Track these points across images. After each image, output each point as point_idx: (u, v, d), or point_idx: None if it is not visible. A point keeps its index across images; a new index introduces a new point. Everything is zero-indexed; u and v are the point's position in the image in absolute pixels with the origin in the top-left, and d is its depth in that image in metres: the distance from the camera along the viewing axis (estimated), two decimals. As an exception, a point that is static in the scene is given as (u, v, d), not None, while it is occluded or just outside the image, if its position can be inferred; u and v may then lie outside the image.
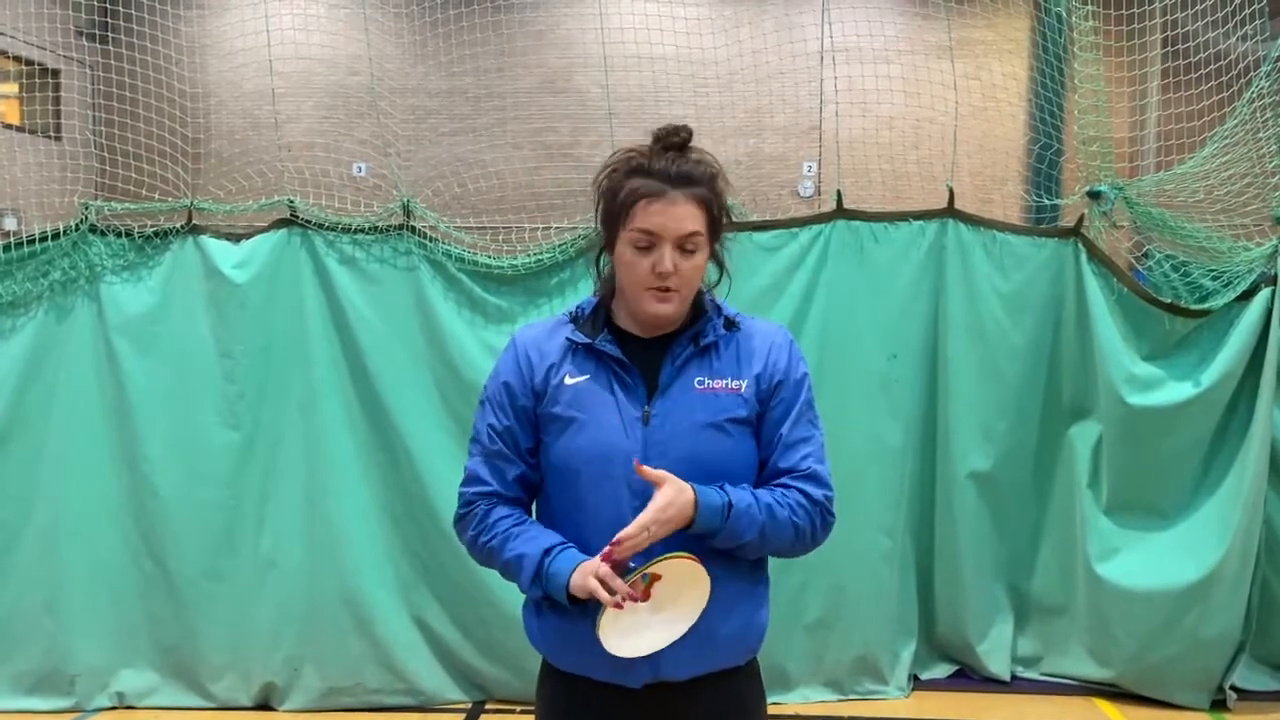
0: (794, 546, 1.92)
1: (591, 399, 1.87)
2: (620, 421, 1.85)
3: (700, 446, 1.85)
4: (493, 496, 1.93)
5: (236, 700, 4.54)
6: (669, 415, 1.86)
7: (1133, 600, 4.47)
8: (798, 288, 4.57)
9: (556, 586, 1.81)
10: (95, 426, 4.50)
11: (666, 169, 1.83)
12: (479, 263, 4.56)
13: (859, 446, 4.58)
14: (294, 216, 4.53)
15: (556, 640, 1.91)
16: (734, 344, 1.92)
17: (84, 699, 4.50)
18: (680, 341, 1.90)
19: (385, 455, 4.53)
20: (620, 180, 1.86)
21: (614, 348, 1.89)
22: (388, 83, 5.59)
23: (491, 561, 1.94)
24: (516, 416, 1.92)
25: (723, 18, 6.26)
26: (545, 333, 1.96)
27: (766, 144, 15.25)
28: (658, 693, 1.89)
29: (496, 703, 4.57)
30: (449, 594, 4.52)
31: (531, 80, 15.30)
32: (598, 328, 1.92)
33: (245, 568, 4.51)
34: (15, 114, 14.46)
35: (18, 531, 4.51)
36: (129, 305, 4.49)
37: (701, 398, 1.87)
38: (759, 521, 1.84)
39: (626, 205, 1.83)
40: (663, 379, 1.88)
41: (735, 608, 1.90)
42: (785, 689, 4.61)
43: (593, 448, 1.85)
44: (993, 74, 5.41)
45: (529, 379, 1.92)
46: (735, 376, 1.89)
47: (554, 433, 1.89)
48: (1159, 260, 4.76)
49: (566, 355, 1.91)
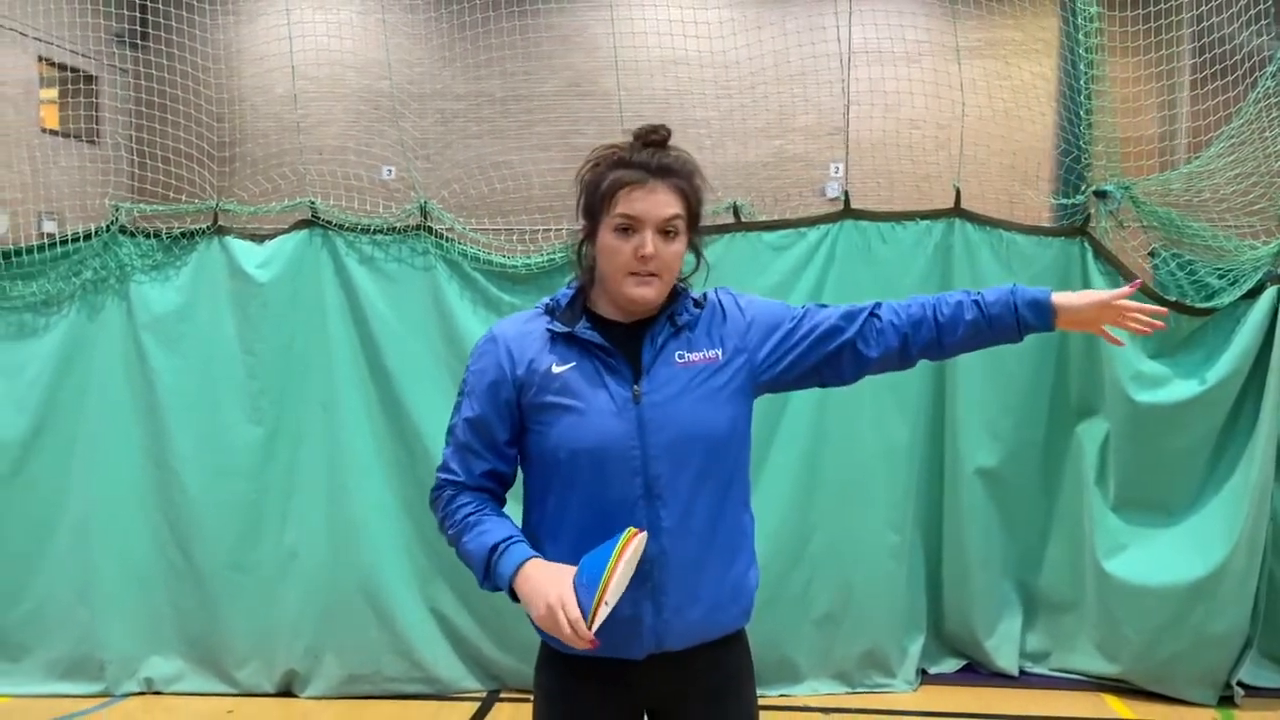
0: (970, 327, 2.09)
1: (581, 385, 1.94)
2: (614, 404, 1.93)
3: (690, 417, 1.95)
4: (458, 485, 2.01)
5: (260, 687, 4.68)
6: (657, 392, 1.94)
7: (1140, 596, 4.50)
8: (806, 286, 4.64)
9: (501, 580, 1.90)
10: (124, 421, 4.67)
11: (647, 161, 1.93)
12: (494, 262, 4.67)
13: (867, 444, 4.65)
14: (315, 218, 4.67)
15: None
16: (701, 320, 2.03)
17: (113, 684, 4.66)
18: (659, 323, 1.99)
19: (403, 450, 4.65)
20: (603, 172, 1.95)
21: (594, 334, 1.96)
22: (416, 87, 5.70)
23: (453, 547, 2.02)
24: (495, 409, 1.98)
25: (746, 20, 6.29)
26: (523, 324, 2.02)
27: (791, 145, 15.29)
28: (657, 662, 1.99)
29: (510, 692, 4.67)
30: (464, 585, 4.62)
31: (558, 83, 15.45)
32: (576, 316, 1.99)
33: (268, 559, 4.65)
34: (54, 119, 14.81)
35: (51, 524, 4.69)
36: (157, 304, 4.65)
37: (685, 371, 1.97)
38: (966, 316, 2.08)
39: (609, 193, 1.92)
40: (645, 359, 1.96)
41: (723, 581, 2.01)
42: (794, 681, 4.68)
43: (591, 431, 1.92)
44: (1021, 74, 5.38)
45: (509, 371, 1.97)
46: (710, 347, 2.00)
47: (547, 421, 1.95)
48: (1165, 259, 4.77)
49: (546, 345, 1.97)
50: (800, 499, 4.65)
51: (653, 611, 1.94)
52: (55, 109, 14.98)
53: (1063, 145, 5.04)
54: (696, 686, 2.04)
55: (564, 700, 2.06)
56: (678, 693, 2.04)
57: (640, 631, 1.94)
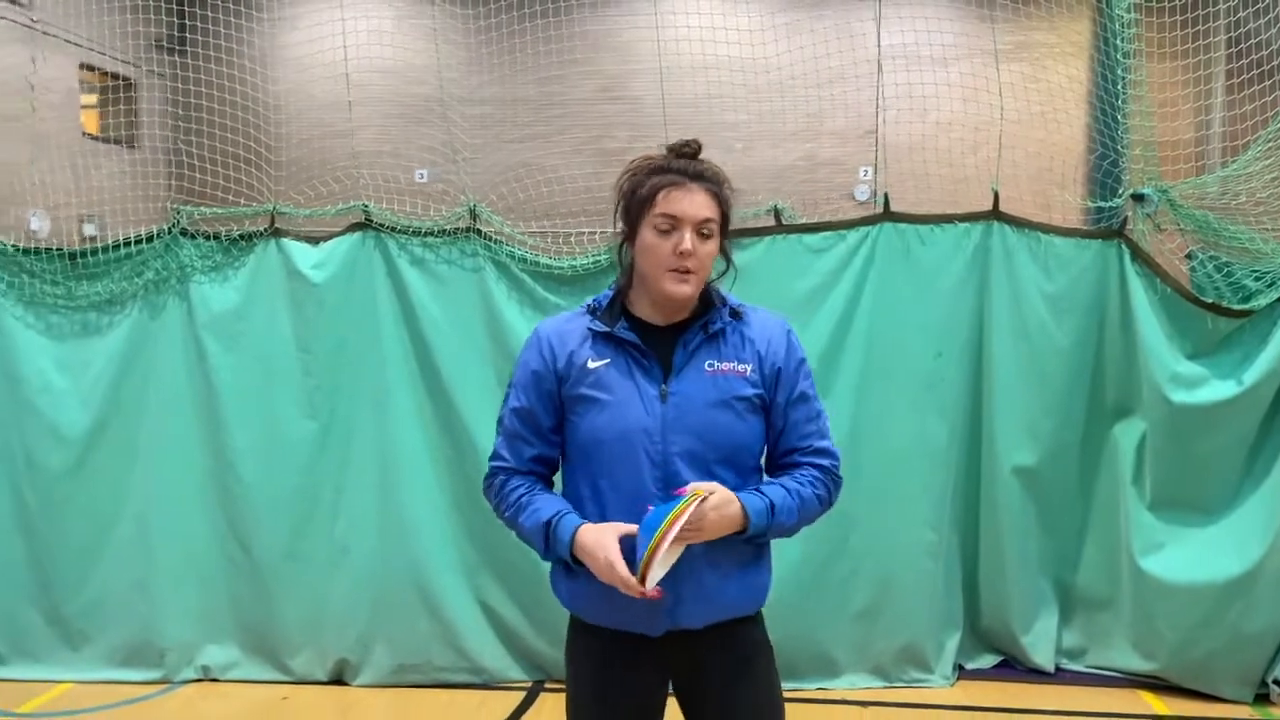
0: (820, 514, 2.23)
1: (614, 381, 2.12)
2: (641, 400, 2.10)
3: (711, 421, 2.11)
4: (509, 470, 2.21)
5: (313, 675, 4.83)
6: (684, 394, 2.10)
7: (1176, 594, 4.55)
8: (846, 287, 4.73)
9: (561, 549, 2.08)
10: (183, 417, 4.83)
11: (684, 167, 2.11)
12: (540, 263, 4.80)
13: (905, 443, 4.73)
14: (368, 220, 4.81)
15: (586, 599, 2.16)
16: (739, 331, 2.18)
17: (172, 671, 4.82)
18: (692, 329, 2.15)
19: (451, 446, 4.78)
20: (642, 178, 2.12)
21: (631, 334, 2.13)
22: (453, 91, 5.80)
23: (509, 526, 2.21)
24: (540, 399, 2.17)
25: (777, 25, 6.34)
26: (565, 323, 2.21)
27: (823, 149, 15.34)
28: (675, 639, 2.16)
29: (555, 682, 4.80)
30: (511, 578, 4.75)
31: (590, 87, 15.58)
32: (615, 317, 2.16)
33: (321, 551, 4.80)
34: (94, 124, 15.12)
35: (112, 516, 4.86)
36: (216, 303, 4.81)
37: (712, 379, 2.12)
38: (794, 506, 2.14)
39: (650, 195, 2.09)
40: (676, 362, 2.13)
41: (739, 569, 2.17)
42: (832, 675, 4.77)
43: (617, 424, 2.10)
44: (1054, 77, 5.39)
45: (552, 364, 2.16)
46: (740, 360, 2.15)
47: (580, 412, 2.14)
48: (1202, 261, 4.82)
49: (586, 342, 2.15)
50: (839, 498, 4.71)
51: (670, 590, 2.07)
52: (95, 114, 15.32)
53: (1098, 149, 5.09)
54: (712, 663, 2.20)
55: (592, 663, 2.26)
56: (695, 668, 2.22)
57: (659, 610, 2.10)
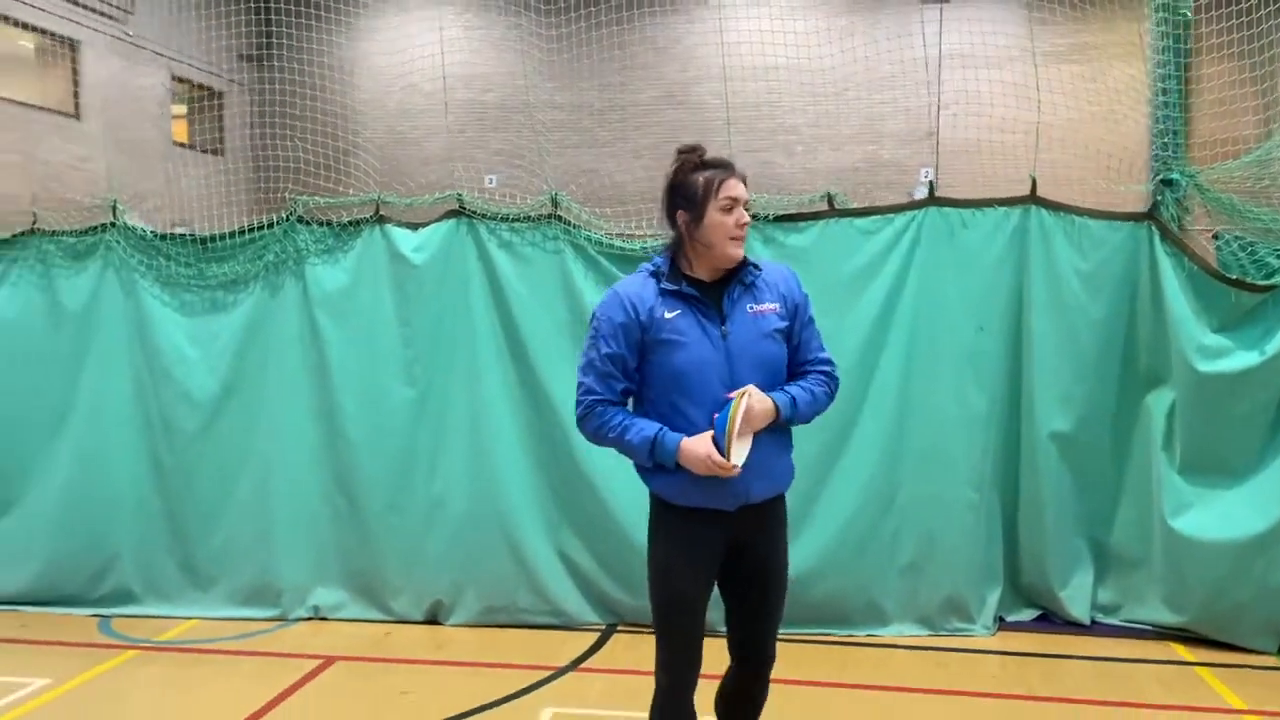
0: (827, 405, 2.92)
1: (687, 326, 2.76)
2: (709, 340, 2.75)
3: (761, 350, 2.79)
4: (605, 402, 2.80)
5: (410, 615, 5.38)
6: (738, 332, 2.78)
7: (1204, 551, 4.86)
8: (893, 267, 5.16)
9: (666, 457, 2.72)
10: (298, 384, 5.44)
11: (719, 162, 2.80)
12: (615, 246, 5.31)
13: (948, 411, 5.13)
14: (461, 208, 5.37)
15: (677, 486, 2.78)
16: (762, 280, 2.86)
17: (287, 610, 5.42)
18: (732, 283, 2.82)
19: (534, 411, 5.31)
20: (691, 174, 2.77)
21: (693, 290, 2.79)
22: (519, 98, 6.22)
23: (611, 444, 2.81)
24: (627, 345, 2.77)
25: (837, 28, 6.66)
26: (638, 285, 2.82)
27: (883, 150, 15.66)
28: (742, 512, 2.81)
29: (627, 625, 5.27)
30: (588, 530, 5.26)
31: (653, 93, 16.09)
32: (676, 277, 2.81)
33: (419, 505, 5.35)
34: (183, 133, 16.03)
35: (236, 473, 5.49)
36: (327, 283, 5.41)
37: (754, 319, 2.81)
38: (808, 400, 2.85)
39: (713, 184, 2.75)
40: (726, 308, 2.79)
41: (781, 453, 2.87)
42: (881, 623, 5.18)
43: (694, 359, 2.74)
44: (1110, 77, 5.60)
45: (635, 317, 2.76)
46: (771, 301, 2.84)
47: (664, 352, 2.75)
48: (1228, 240, 5.14)
49: (659, 298, 2.79)
50: (887, 461, 5.14)
51: (741, 476, 2.71)
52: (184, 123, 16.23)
53: (1154, 149, 5.25)
54: (764, 526, 2.88)
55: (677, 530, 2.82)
56: (755, 530, 2.87)
57: (737, 490, 2.75)
